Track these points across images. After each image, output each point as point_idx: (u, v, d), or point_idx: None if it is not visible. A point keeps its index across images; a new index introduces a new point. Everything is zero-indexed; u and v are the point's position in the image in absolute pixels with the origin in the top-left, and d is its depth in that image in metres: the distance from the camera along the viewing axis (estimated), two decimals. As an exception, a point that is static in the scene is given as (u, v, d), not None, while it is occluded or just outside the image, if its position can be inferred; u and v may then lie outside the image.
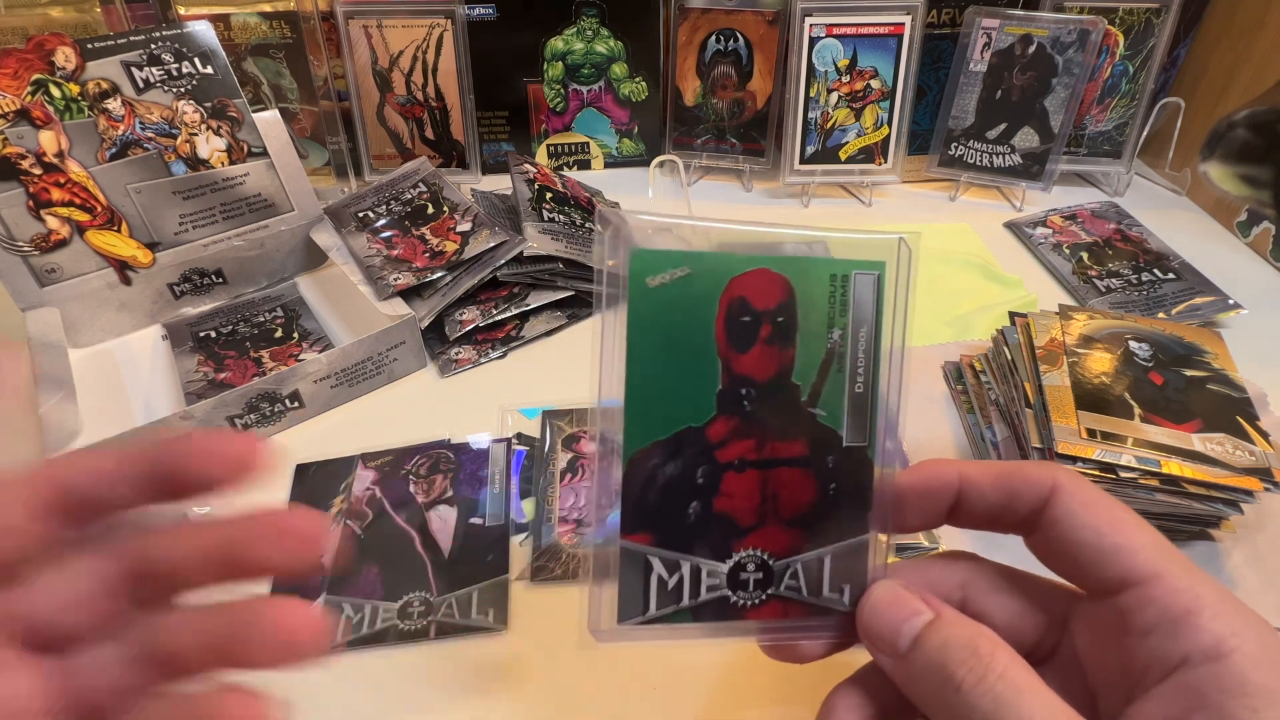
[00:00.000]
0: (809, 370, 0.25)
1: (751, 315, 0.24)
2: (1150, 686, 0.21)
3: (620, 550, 0.24)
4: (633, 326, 0.24)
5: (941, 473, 0.26)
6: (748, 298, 0.24)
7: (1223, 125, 0.41)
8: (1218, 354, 0.47)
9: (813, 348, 0.25)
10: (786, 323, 0.24)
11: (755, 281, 0.24)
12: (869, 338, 0.25)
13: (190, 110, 0.56)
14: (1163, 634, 0.21)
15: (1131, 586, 0.22)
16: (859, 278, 0.25)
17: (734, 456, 0.25)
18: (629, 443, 0.24)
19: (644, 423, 0.24)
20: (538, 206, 0.62)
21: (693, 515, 0.25)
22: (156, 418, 0.45)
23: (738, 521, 0.25)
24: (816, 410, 0.25)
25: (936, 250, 0.70)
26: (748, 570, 0.25)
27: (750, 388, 0.25)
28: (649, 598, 0.25)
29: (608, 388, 0.24)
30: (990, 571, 0.27)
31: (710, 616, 0.25)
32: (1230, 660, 0.20)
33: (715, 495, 0.25)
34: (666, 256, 0.24)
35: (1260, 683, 0.20)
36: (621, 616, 0.25)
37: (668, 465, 0.24)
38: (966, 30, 0.73)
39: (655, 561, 0.25)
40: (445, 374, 0.56)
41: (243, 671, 0.20)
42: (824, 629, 0.26)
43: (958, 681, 0.21)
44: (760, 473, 0.25)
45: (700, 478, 0.25)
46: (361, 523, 0.45)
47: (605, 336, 0.24)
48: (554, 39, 0.76)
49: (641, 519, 0.24)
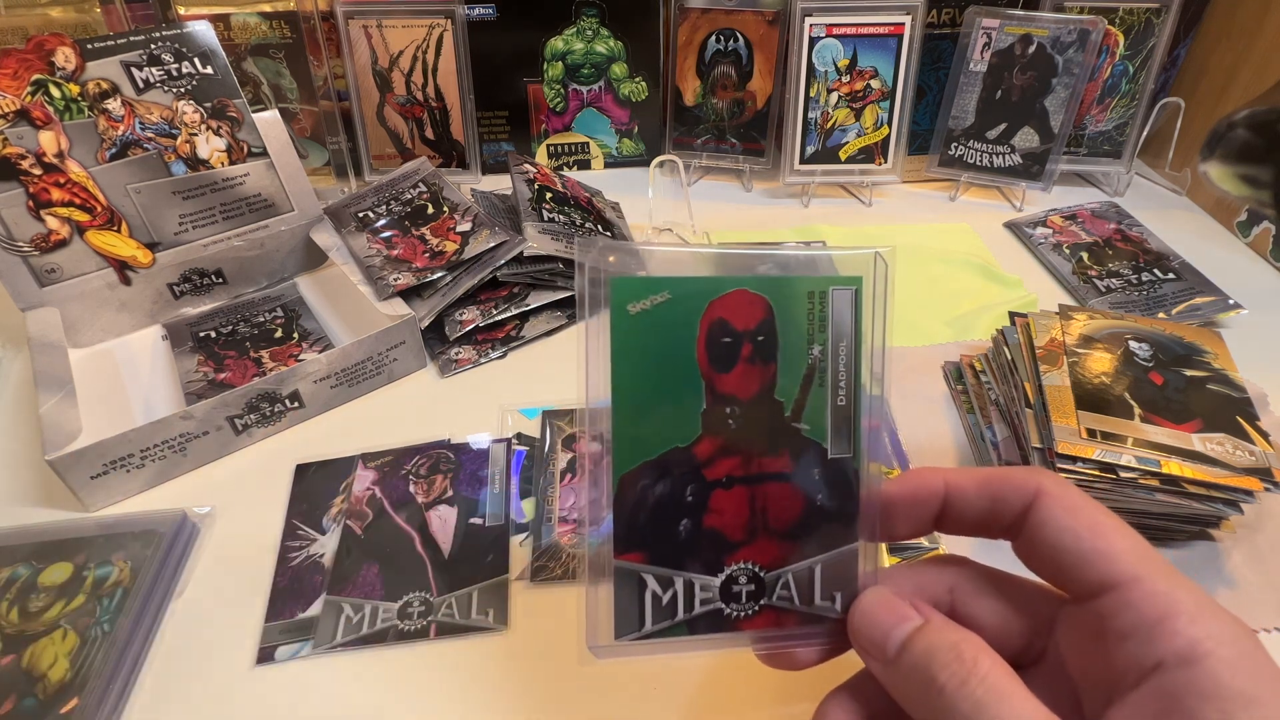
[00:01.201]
0: (791, 386, 0.25)
1: (732, 336, 0.25)
2: (1128, 690, 0.21)
3: (614, 569, 0.25)
4: (616, 353, 0.24)
5: (928, 481, 0.26)
6: (728, 319, 0.25)
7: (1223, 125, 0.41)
8: (1218, 354, 0.47)
9: (794, 364, 0.25)
10: (767, 341, 0.25)
11: (735, 302, 0.25)
12: (849, 351, 0.26)
13: (190, 110, 0.56)
14: (1139, 638, 0.21)
15: (1110, 590, 0.22)
16: (836, 294, 0.25)
17: (722, 474, 0.25)
18: (617, 465, 0.25)
19: (631, 445, 0.25)
20: (538, 206, 0.62)
21: (683, 533, 0.25)
22: (156, 418, 0.45)
23: (728, 536, 0.26)
24: (800, 425, 0.26)
25: (936, 250, 0.70)
26: (740, 583, 0.26)
27: (734, 406, 0.25)
28: (644, 614, 0.25)
29: (595, 389, 0.24)
30: (979, 575, 0.27)
31: (705, 629, 0.26)
32: (1205, 664, 0.20)
33: (705, 512, 0.25)
34: (646, 283, 0.24)
35: (1234, 686, 0.20)
36: (618, 633, 0.25)
37: (657, 485, 0.25)
38: (966, 30, 0.73)
39: (649, 579, 0.25)
40: (445, 374, 0.56)
41: None
42: (817, 636, 0.26)
43: (940, 685, 0.22)
44: (748, 488, 0.26)
45: (689, 496, 0.25)
46: (361, 523, 0.45)
47: (589, 343, 0.24)
48: (554, 39, 0.76)
49: (633, 539, 0.25)
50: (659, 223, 0.72)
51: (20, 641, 0.38)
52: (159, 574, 0.41)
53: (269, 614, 0.40)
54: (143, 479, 0.47)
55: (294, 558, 0.43)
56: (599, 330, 0.24)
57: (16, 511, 0.46)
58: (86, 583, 0.40)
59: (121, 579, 0.41)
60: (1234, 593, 0.42)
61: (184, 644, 0.40)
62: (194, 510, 0.45)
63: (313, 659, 0.39)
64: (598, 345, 0.24)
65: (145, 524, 0.43)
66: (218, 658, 0.39)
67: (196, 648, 0.39)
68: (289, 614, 0.40)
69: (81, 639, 0.38)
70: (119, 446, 0.45)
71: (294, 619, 0.40)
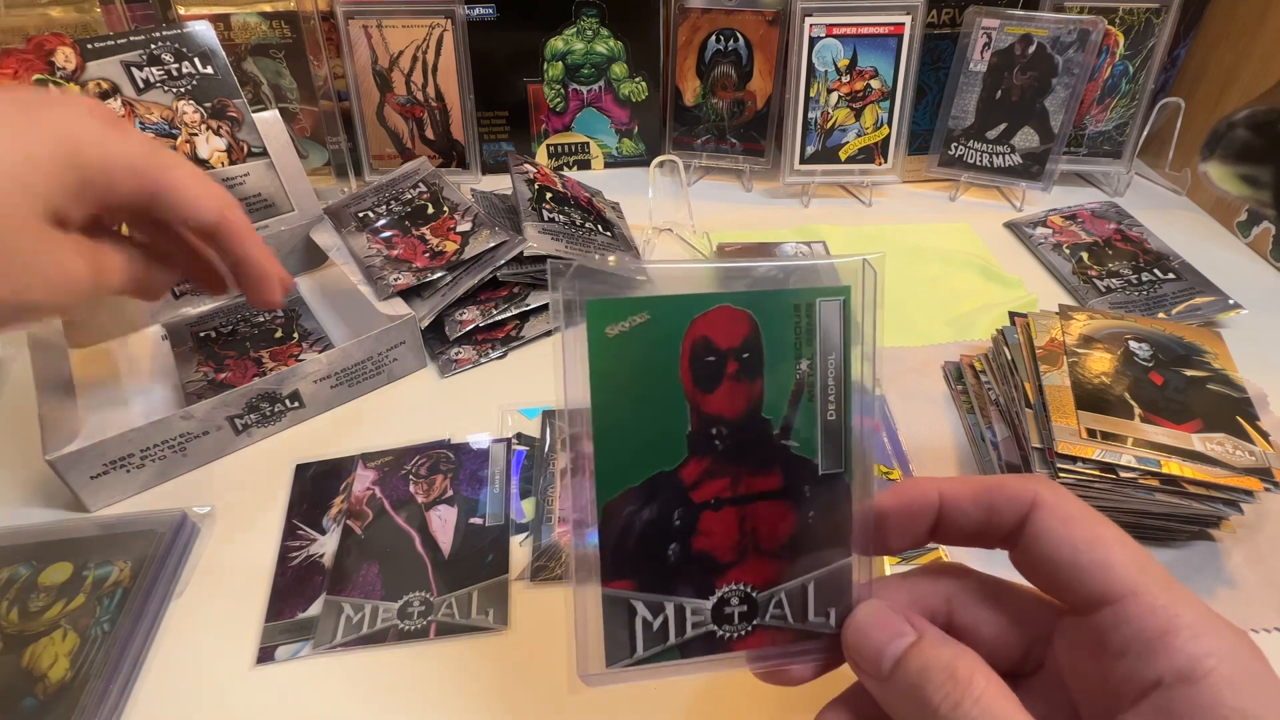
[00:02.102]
0: (779, 403, 0.25)
1: (716, 354, 0.24)
2: (1127, 706, 0.21)
3: (603, 597, 0.24)
4: (596, 379, 0.23)
5: (922, 492, 0.26)
6: (711, 337, 0.24)
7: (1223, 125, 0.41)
8: (1218, 354, 0.47)
9: (781, 380, 0.25)
10: (752, 358, 0.24)
11: (717, 320, 0.24)
12: (838, 364, 0.25)
13: (190, 110, 0.56)
14: (1138, 654, 0.21)
15: (1109, 604, 0.22)
16: (824, 305, 0.24)
17: (709, 496, 0.25)
18: (601, 493, 0.24)
19: (614, 472, 0.24)
20: (538, 206, 0.62)
21: (673, 557, 0.25)
22: (156, 418, 0.45)
23: (718, 558, 0.25)
24: (789, 442, 0.25)
25: (936, 250, 0.70)
26: (731, 604, 0.25)
27: (721, 426, 0.24)
28: (635, 640, 0.25)
29: (573, 397, 0.24)
30: (977, 585, 0.26)
31: (698, 652, 0.25)
32: (1206, 682, 0.20)
33: (693, 535, 0.25)
34: (624, 304, 0.23)
35: (1236, 705, 0.19)
36: (610, 660, 0.25)
37: (643, 511, 0.24)
38: (966, 30, 0.73)
39: (639, 605, 0.25)
40: (445, 374, 0.56)
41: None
42: (812, 652, 0.26)
43: (934, 706, 0.21)
44: (738, 509, 0.25)
45: (677, 520, 0.25)
46: (361, 523, 0.45)
47: (566, 355, 0.23)
48: (554, 39, 0.76)
49: (622, 566, 0.24)
50: (659, 223, 0.72)
51: (20, 641, 0.38)
52: (159, 574, 0.41)
53: (269, 614, 0.40)
54: (143, 479, 0.47)
55: (294, 558, 0.43)
56: (575, 343, 0.23)
57: (16, 511, 0.46)
58: (86, 583, 0.40)
59: (121, 579, 0.41)
60: (1234, 593, 0.42)
61: (184, 644, 0.40)
62: (194, 510, 0.45)
63: (313, 659, 0.39)
64: (575, 359, 0.23)
65: (145, 524, 0.43)
66: (218, 657, 0.39)
67: (196, 648, 0.39)
68: (289, 614, 0.40)
69: (81, 639, 0.38)
70: (119, 446, 0.45)
71: (294, 619, 0.40)
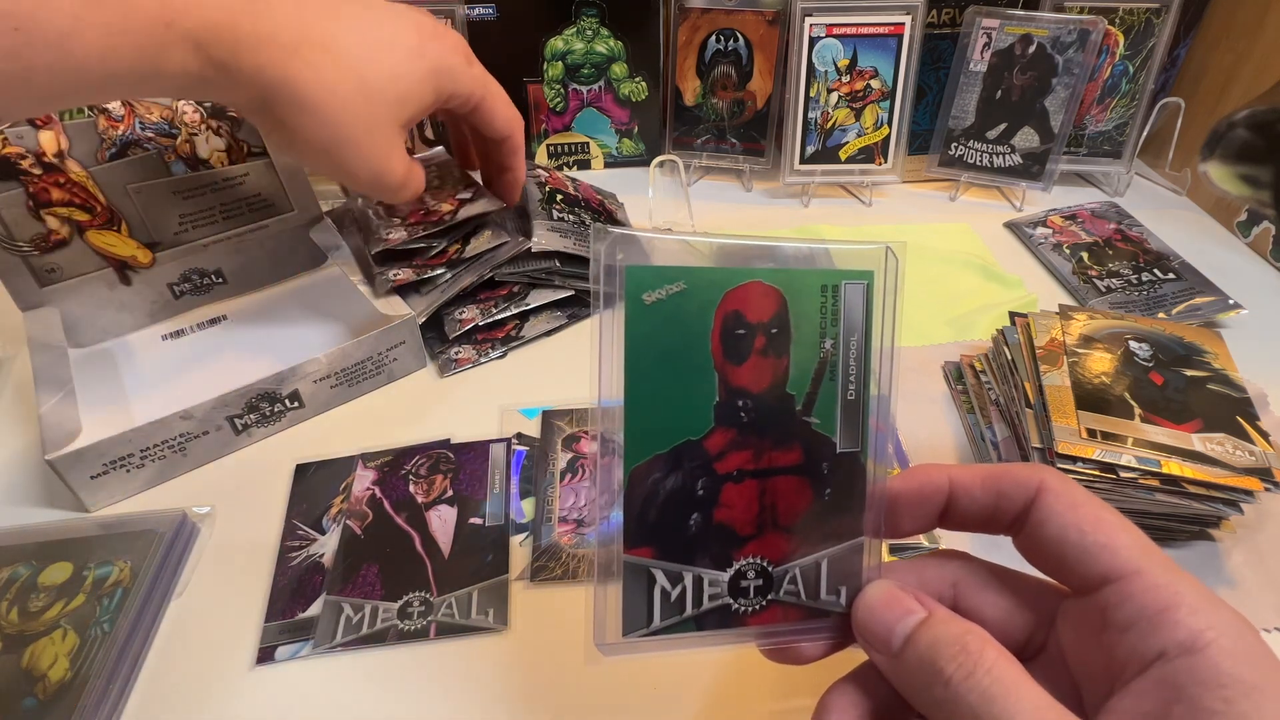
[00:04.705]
0: (803, 379, 0.25)
1: (746, 328, 0.25)
2: (1130, 680, 0.22)
3: (624, 564, 0.25)
4: (630, 343, 0.24)
5: (933, 477, 0.27)
6: (742, 311, 0.25)
7: (1223, 125, 0.41)
8: (1218, 354, 0.47)
9: (806, 357, 0.25)
10: (780, 334, 0.25)
11: (749, 295, 0.25)
12: (859, 345, 0.26)
13: (190, 110, 0.56)
14: (1141, 629, 0.22)
15: (1112, 583, 0.23)
16: (849, 288, 0.25)
17: (733, 467, 0.25)
18: (629, 458, 0.24)
19: (643, 437, 0.25)
20: (547, 207, 0.62)
21: (694, 527, 0.25)
22: (156, 418, 0.45)
23: (737, 531, 0.25)
24: (811, 419, 0.26)
25: (936, 250, 0.70)
26: (748, 578, 0.26)
27: (746, 399, 0.25)
28: (653, 610, 0.25)
29: (608, 388, 0.24)
30: (981, 570, 0.27)
31: (713, 625, 0.26)
32: (1206, 653, 0.20)
33: (715, 506, 0.25)
34: (662, 272, 0.24)
35: (1235, 674, 0.20)
36: (626, 629, 0.25)
37: (668, 479, 0.25)
38: (966, 30, 0.73)
39: (658, 574, 0.25)
40: (445, 374, 0.56)
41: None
42: (822, 630, 0.27)
43: (947, 677, 0.22)
44: (758, 482, 0.25)
45: (700, 490, 0.25)
46: (361, 523, 0.45)
47: (604, 336, 0.24)
48: (554, 39, 0.76)
49: (643, 533, 0.25)
50: (659, 223, 0.72)
51: (20, 641, 0.38)
52: (159, 574, 0.41)
53: (269, 614, 0.40)
54: (142, 479, 0.47)
55: (294, 558, 0.43)
56: (613, 323, 0.24)
57: (16, 511, 0.46)
58: (86, 583, 0.40)
59: (121, 579, 0.41)
60: (1234, 593, 0.42)
61: (184, 644, 0.40)
62: (194, 510, 0.45)
63: (313, 659, 0.39)
64: (611, 340, 0.24)
65: (145, 524, 0.43)
66: (217, 658, 0.39)
67: (196, 648, 0.39)
68: (289, 614, 0.40)
69: (81, 639, 0.38)
70: (119, 446, 0.45)
71: (294, 619, 0.40)
